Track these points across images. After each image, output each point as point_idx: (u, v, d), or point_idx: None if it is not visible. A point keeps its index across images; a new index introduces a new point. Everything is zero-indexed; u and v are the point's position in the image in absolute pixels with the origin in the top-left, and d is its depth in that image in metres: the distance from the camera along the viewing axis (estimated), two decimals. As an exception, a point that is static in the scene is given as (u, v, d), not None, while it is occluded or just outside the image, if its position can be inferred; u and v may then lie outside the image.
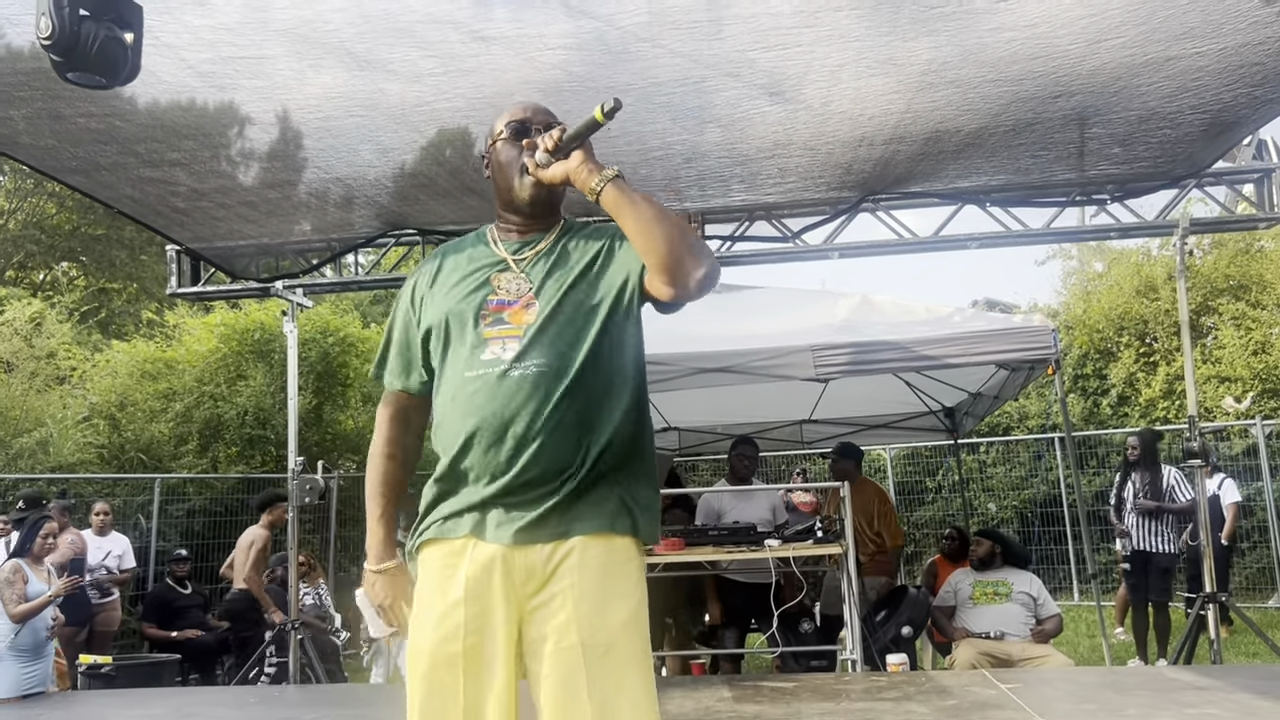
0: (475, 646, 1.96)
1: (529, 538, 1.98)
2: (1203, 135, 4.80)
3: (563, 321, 2.04)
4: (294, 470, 6.49)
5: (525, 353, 2.01)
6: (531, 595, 1.98)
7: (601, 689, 1.91)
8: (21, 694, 5.83)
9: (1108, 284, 13.63)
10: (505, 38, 3.62)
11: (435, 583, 2.02)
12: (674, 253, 1.95)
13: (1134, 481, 8.34)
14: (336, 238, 6.45)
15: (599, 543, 1.99)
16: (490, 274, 2.11)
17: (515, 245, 2.15)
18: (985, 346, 6.08)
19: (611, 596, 1.97)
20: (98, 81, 2.45)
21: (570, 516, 1.99)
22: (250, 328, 11.54)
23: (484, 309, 2.07)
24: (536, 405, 1.98)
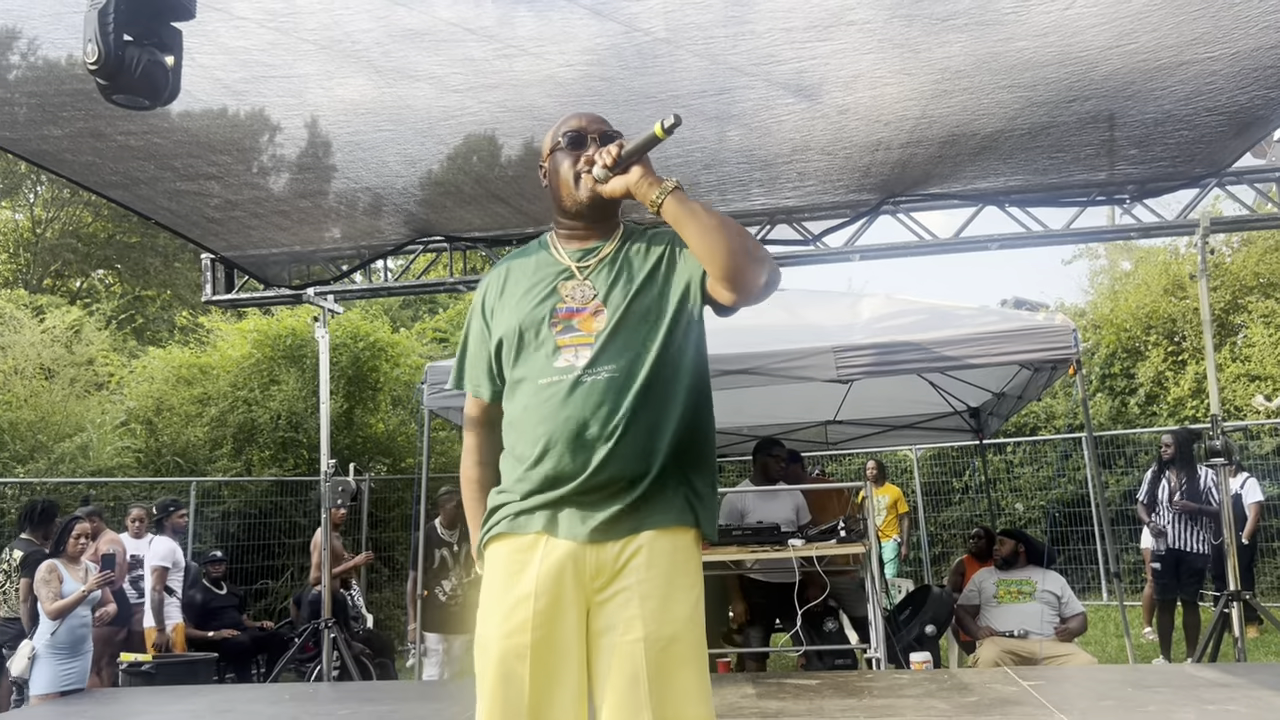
0: (544, 639, 2.03)
1: (603, 536, 2.06)
2: (1220, 136, 4.83)
3: (631, 327, 2.12)
4: (326, 473, 6.65)
5: (597, 359, 2.09)
6: (599, 590, 2.06)
7: (660, 684, 1.98)
8: (60, 690, 6.02)
9: (1135, 283, 13.57)
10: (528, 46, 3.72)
11: (504, 577, 2.11)
12: (736, 261, 2.01)
13: (1168, 481, 8.31)
14: (366, 245, 6.58)
15: (665, 538, 2.09)
16: (557, 282, 2.18)
17: (578, 253, 2.22)
18: (1007, 347, 6.11)
19: (675, 590, 2.06)
20: (141, 103, 2.58)
21: (641, 515, 2.08)
22: (282, 333, 11.74)
23: (554, 317, 2.14)
24: (609, 410, 2.06)
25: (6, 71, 3.59)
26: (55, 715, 5.53)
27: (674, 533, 2.10)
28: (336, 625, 6.57)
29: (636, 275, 2.17)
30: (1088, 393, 7.14)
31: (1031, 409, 13.11)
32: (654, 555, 2.06)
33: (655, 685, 1.98)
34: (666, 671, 1.99)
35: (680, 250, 2.16)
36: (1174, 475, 8.30)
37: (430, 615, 7.27)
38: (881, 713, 4.56)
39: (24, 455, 9.37)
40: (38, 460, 9.39)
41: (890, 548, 11.37)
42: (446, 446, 13.11)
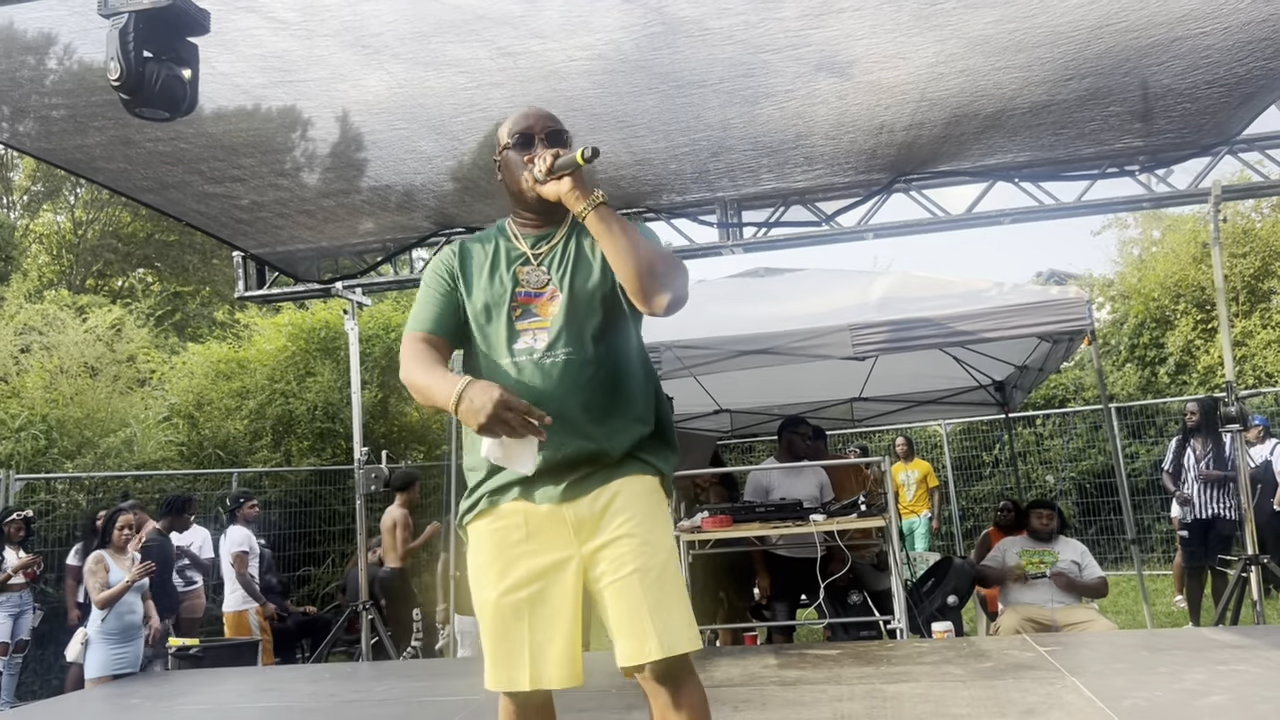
0: (538, 595, 2.26)
1: (576, 493, 2.29)
2: (1224, 106, 4.87)
3: (582, 311, 2.32)
4: (359, 460, 6.86)
5: (554, 343, 2.30)
6: (587, 540, 2.28)
7: (657, 608, 2.19)
8: (113, 673, 6.31)
9: (1164, 252, 13.48)
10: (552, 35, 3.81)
11: (493, 544, 2.31)
12: (640, 282, 2.22)
13: (1194, 449, 8.33)
14: (391, 239, 6.77)
15: (635, 483, 2.33)
16: (515, 266, 2.38)
17: (532, 239, 2.41)
18: (1021, 320, 6.17)
19: (655, 525, 2.30)
20: (161, 115, 2.76)
21: (607, 471, 2.32)
22: (316, 326, 12.01)
23: (514, 300, 2.34)
24: (568, 389, 2.28)
25: (44, 76, 3.78)
26: (108, 696, 5.80)
27: (641, 478, 2.35)
28: (374, 606, 6.80)
29: (584, 260, 2.37)
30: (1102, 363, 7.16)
31: (1060, 381, 13.10)
32: (629, 499, 2.30)
33: (655, 612, 2.18)
34: (661, 597, 2.20)
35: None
36: (1199, 443, 8.31)
37: (463, 598, 7.48)
38: (897, 679, 4.69)
39: (72, 451, 9.69)
40: (85, 455, 9.72)
41: (921, 522, 11.46)
42: (478, 434, 13.35)
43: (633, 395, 2.40)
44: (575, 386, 2.29)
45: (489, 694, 2.38)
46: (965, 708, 4.02)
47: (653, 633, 2.16)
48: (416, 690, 5.26)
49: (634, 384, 2.41)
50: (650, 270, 2.21)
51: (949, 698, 4.24)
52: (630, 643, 2.19)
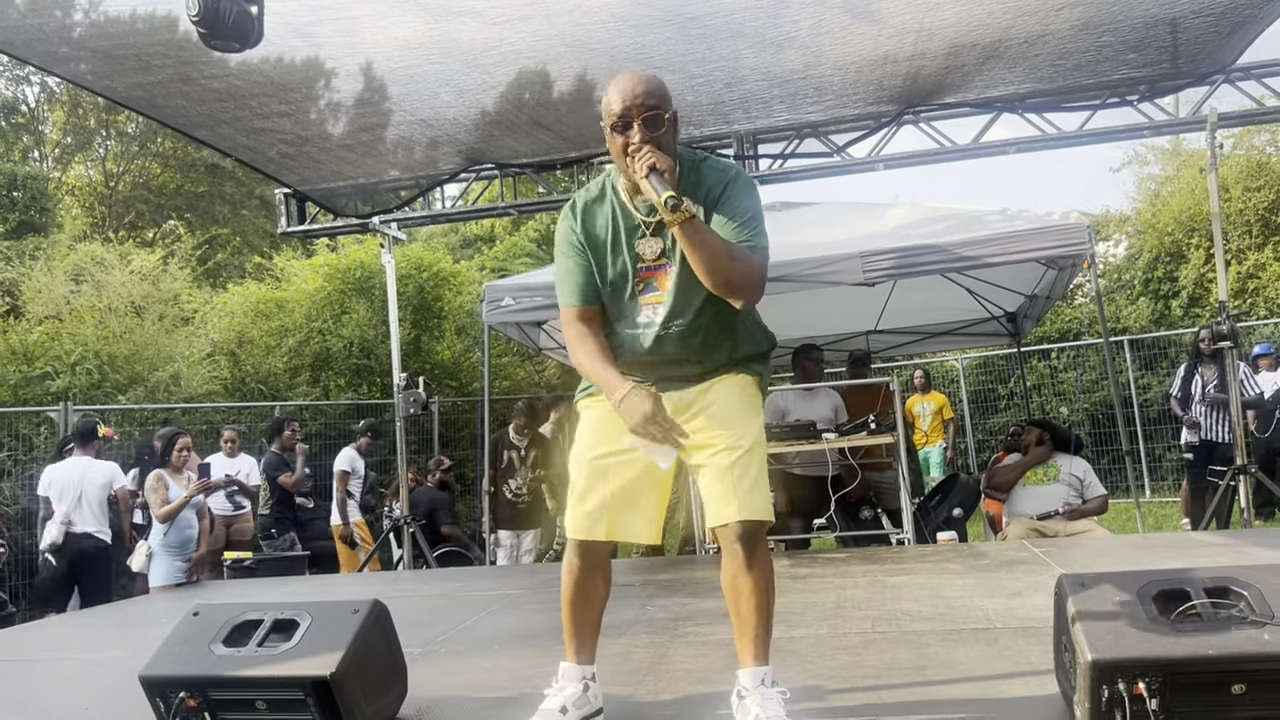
0: (620, 463, 2.57)
1: (681, 385, 2.63)
2: (1214, 36, 5.11)
3: (693, 280, 2.52)
4: (399, 385, 7.30)
5: (670, 317, 2.59)
6: (686, 421, 2.55)
7: (741, 481, 2.46)
8: (175, 583, 6.84)
9: (1179, 187, 13.62)
10: None
11: (597, 417, 2.65)
12: (726, 285, 2.46)
13: (1202, 375, 8.60)
14: (424, 175, 7.13)
15: (732, 378, 2.64)
16: (634, 240, 2.59)
17: (645, 205, 2.57)
18: (1022, 245, 6.45)
19: (745, 415, 2.59)
20: (234, 47, 3.13)
21: (709, 374, 2.64)
22: (351, 267, 12.44)
23: (637, 276, 2.60)
24: (681, 351, 2.61)
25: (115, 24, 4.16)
26: (171, 600, 6.30)
27: (738, 377, 2.65)
28: (414, 521, 7.28)
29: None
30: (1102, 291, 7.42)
31: (1074, 315, 13.35)
32: (723, 391, 2.61)
33: (739, 484, 2.47)
34: (743, 473, 2.48)
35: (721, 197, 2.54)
36: (1207, 369, 8.58)
37: (500, 513, 7.97)
38: (899, 574, 5.07)
39: (124, 385, 10.21)
40: (136, 389, 10.23)
41: (937, 452, 11.84)
42: (510, 370, 13.79)
43: (736, 340, 2.68)
44: (686, 349, 2.60)
45: (523, 589, 2.79)
46: (958, 592, 4.40)
47: (736, 500, 2.45)
48: (457, 589, 5.72)
49: (738, 332, 2.68)
50: (732, 277, 2.43)
51: (944, 585, 4.61)
52: (721, 506, 2.48)
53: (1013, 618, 3.80)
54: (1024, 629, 3.60)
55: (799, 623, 3.94)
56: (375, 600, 2.90)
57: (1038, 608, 3.88)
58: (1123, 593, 2.56)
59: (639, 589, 4.90)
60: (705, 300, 2.55)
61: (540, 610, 4.59)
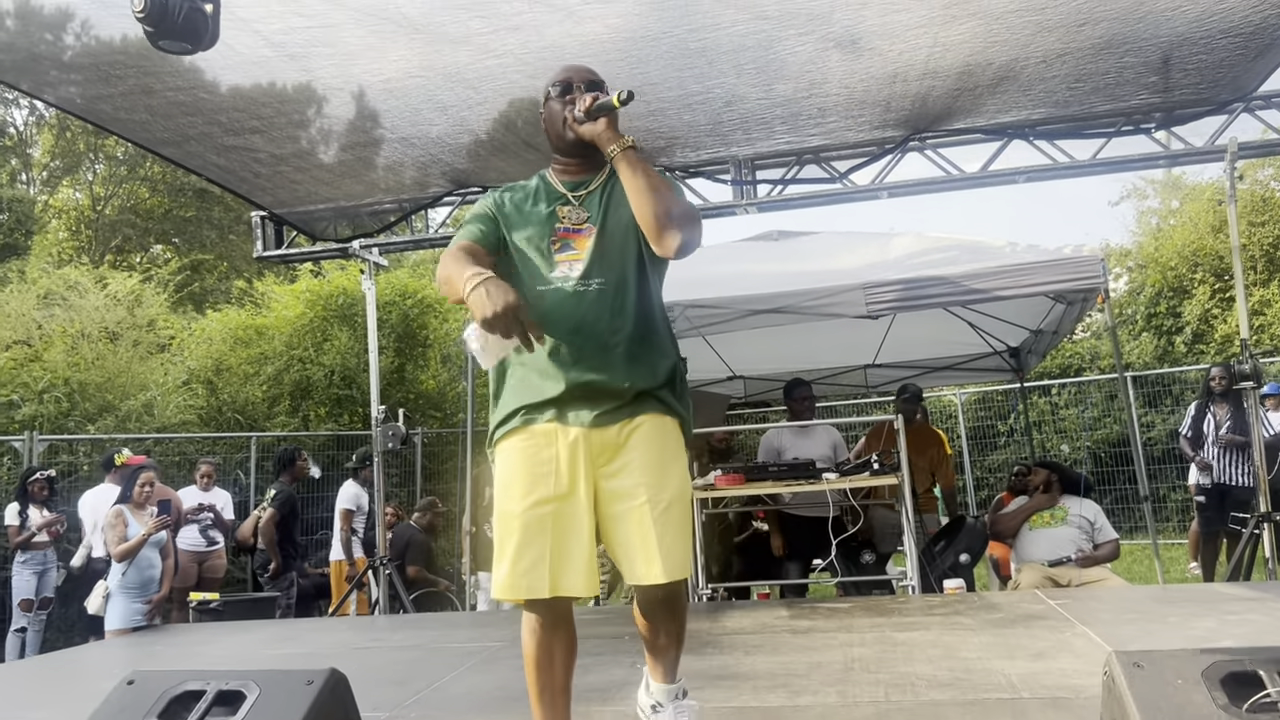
0: (561, 511, 2.40)
1: (606, 421, 2.46)
2: (1240, 58, 4.84)
3: (616, 248, 2.50)
4: (377, 419, 6.93)
5: (588, 273, 2.47)
6: (606, 464, 2.45)
7: (664, 538, 2.38)
8: (132, 627, 6.41)
9: (1182, 220, 13.40)
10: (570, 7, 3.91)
11: (523, 460, 2.45)
12: (657, 223, 2.37)
13: (1214, 414, 8.30)
14: (408, 199, 6.81)
15: (657, 421, 2.51)
16: (555, 205, 2.54)
17: (571, 183, 2.58)
18: (1033, 278, 6.17)
19: (669, 464, 2.48)
20: (184, 48, 2.81)
21: (635, 405, 2.49)
22: (333, 293, 12.11)
23: (554, 235, 2.51)
24: (599, 315, 2.46)
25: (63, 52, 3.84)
26: (130, 645, 5.91)
27: (663, 419, 2.53)
28: (391, 563, 6.89)
29: (619, 202, 2.50)
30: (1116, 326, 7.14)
31: (1075, 350, 13.07)
32: (649, 434, 2.49)
33: (661, 540, 2.38)
34: (664, 528, 2.39)
35: None
36: (1220, 409, 8.28)
37: (480, 553, 7.58)
38: (908, 628, 4.72)
39: (94, 414, 9.83)
40: (106, 419, 9.85)
41: (934, 490, 11.49)
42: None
43: (659, 338, 2.59)
44: (607, 313, 2.46)
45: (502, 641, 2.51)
46: (975, 652, 4.06)
47: (660, 559, 2.36)
48: (432, 639, 5.34)
49: (660, 327, 2.60)
50: (666, 212, 2.36)
51: (959, 644, 4.27)
52: (644, 565, 2.39)
53: (1039, 685, 3.45)
54: (1053, 700, 3.26)
55: (804, 688, 3.59)
56: (332, 670, 2.56)
57: (1065, 674, 3.56)
58: (1185, 676, 2.23)
59: (628, 642, 4.55)
60: (631, 271, 2.51)
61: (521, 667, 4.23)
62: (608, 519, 2.45)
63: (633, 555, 2.41)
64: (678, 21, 4.02)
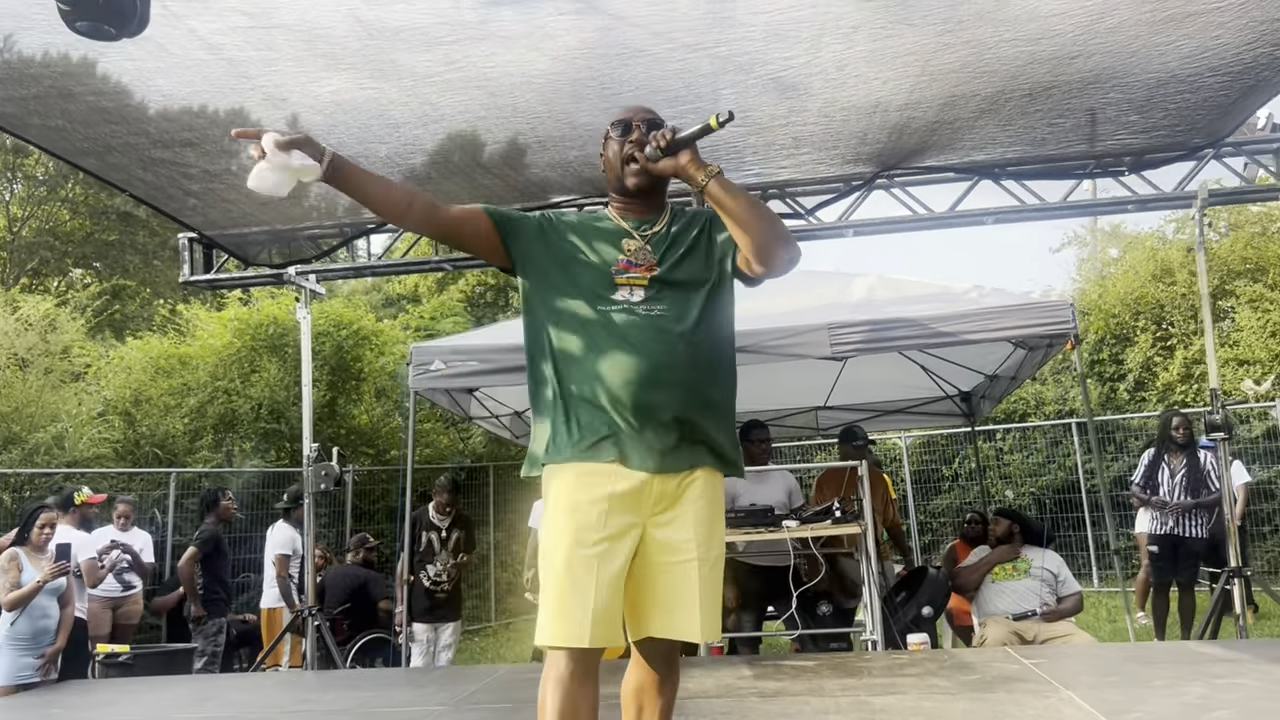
0: (608, 553, 2.29)
1: (669, 467, 2.36)
2: (1223, 99, 4.72)
3: (681, 284, 2.43)
4: (309, 457, 6.47)
5: (651, 300, 2.39)
6: (660, 512, 2.37)
7: (705, 595, 2.36)
8: (17, 684, 5.70)
9: (1123, 269, 13.52)
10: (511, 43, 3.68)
11: (578, 496, 2.33)
12: (765, 240, 2.34)
13: (1169, 464, 8.21)
14: (349, 223, 6.42)
15: (711, 476, 2.44)
16: (621, 239, 2.47)
17: (636, 222, 2.50)
18: (1002, 322, 6.01)
19: (717, 521, 2.44)
20: (107, 32, 2.43)
21: (696, 451, 2.41)
22: (263, 322, 11.55)
23: (616, 265, 2.43)
24: (670, 341, 2.35)
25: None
26: (18, 707, 5.30)
27: (715, 475, 2.46)
28: (320, 613, 6.40)
29: (683, 245, 2.47)
30: (1084, 373, 7.04)
31: (1021, 395, 13.03)
32: (704, 489, 2.42)
33: (704, 599, 2.35)
34: (711, 587, 2.39)
35: (716, 227, 2.49)
36: (1175, 459, 8.19)
37: (415, 604, 7.12)
38: (883, 691, 4.45)
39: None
40: (12, 451, 9.17)
41: (877, 534, 11.31)
42: (432, 437, 12.93)
43: (727, 379, 2.51)
44: (677, 340, 2.36)
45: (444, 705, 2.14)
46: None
47: (700, 618, 2.34)
48: (363, 701, 4.89)
49: (727, 370, 2.51)
50: (773, 230, 2.35)
51: (941, 711, 4.01)
52: (682, 620, 2.36)
53: (1044, 766, 3.17)
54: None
55: (789, 768, 3.26)
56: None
57: (1069, 751, 3.29)
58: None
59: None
60: (701, 312, 2.42)
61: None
62: (651, 567, 2.39)
63: (673, 609, 2.37)
64: (662, 33, 3.73)
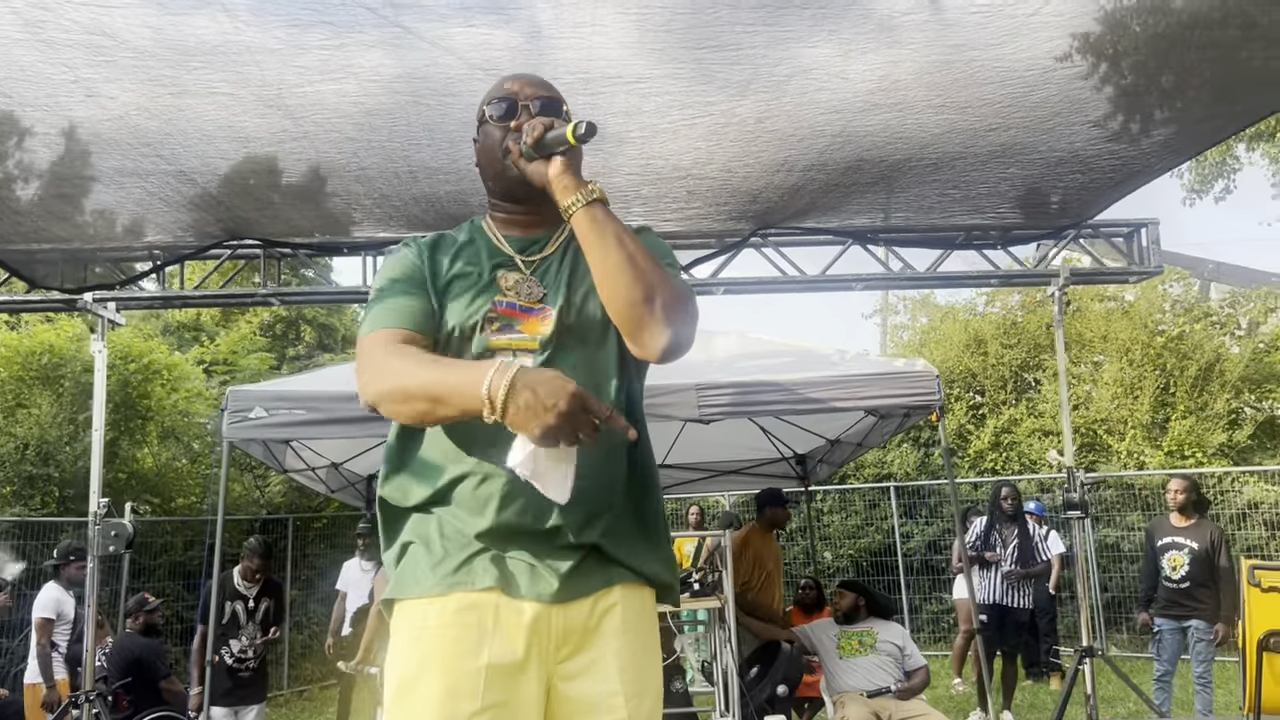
0: (499, 715, 1.64)
1: (573, 592, 1.70)
2: (1109, 181, 4.75)
3: (581, 336, 1.79)
4: (96, 513, 5.55)
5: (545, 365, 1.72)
6: (567, 658, 1.72)
7: None
8: None
9: (938, 338, 14.05)
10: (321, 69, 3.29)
11: (445, 644, 1.66)
12: (634, 311, 1.68)
13: (1000, 533, 8.37)
14: (161, 245, 5.60)
15: (635, 595, 1.79)
16: (496, 274, 1.81)
17: (520, 241, 1.87)
18: (870, 390, 5.91)
19: (649, 658, 1.80)
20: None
21: (609, 561, 1.76)
22: (36, 350, 10.19)
23: (491, 311, 1.77)
24: None
25: None
26: None
27: (642, 589, 1.82)
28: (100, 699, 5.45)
29: (586, 275, 1.78)
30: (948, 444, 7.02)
31: (841, 458, 13.22)
32: (627, 616, 1.76)
33: None
34: None
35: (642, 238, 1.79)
36: (1006, 530, 8.36)
37: (216, 684, 6.24)
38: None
39: None
40: None
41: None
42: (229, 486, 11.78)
43: (645, 463, 1.86)
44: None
45: None
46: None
47: None
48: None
49: (645, 449, 1.87)
50: (648, 296, 1.66)
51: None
52: None
53: None
54: None
55: None
56: None
57: None
58: None
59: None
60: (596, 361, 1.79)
61: None
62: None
63: None
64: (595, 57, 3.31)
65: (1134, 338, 11.85)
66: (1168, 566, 7.16)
